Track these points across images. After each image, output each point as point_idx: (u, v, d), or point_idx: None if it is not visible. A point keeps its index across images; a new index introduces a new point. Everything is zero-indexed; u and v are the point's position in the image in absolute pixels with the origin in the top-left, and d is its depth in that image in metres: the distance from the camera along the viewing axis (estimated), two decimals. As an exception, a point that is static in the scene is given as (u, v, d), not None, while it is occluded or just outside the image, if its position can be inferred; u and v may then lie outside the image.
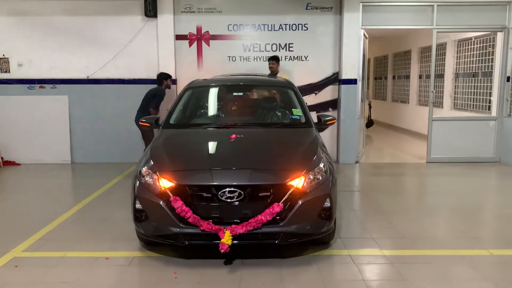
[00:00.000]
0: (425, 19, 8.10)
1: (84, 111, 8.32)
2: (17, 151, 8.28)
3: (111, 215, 5.16)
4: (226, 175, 3.76)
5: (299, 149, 4.25)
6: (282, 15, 8.20)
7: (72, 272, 3.67)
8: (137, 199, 3.82)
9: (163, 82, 7.43)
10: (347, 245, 4.19)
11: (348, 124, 8.22)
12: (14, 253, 4.05)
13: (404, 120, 12.69)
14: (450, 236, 4.60)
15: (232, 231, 3.52)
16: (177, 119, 5.01)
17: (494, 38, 8.48)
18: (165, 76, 7.46)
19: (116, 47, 8.15)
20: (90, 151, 8.40)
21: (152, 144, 4.41)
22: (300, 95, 5.40)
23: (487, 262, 3.89)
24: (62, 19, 8.12)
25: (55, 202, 5.79)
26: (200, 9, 8.14)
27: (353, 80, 8.14)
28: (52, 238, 4.45)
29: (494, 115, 8.37)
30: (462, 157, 8.22)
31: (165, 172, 3.78)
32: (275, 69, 7.57)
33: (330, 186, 3.86)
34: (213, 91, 5.61)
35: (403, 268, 3.70)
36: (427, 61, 10.97)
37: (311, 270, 3.68)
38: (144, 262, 3.87)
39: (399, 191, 6.55)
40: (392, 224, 4.86)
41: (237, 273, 3.62)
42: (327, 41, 8.27)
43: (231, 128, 4.65)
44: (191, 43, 8.24)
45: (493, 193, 6.63)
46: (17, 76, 8.26)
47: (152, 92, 7.33)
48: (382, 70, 15.17)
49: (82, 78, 8.26)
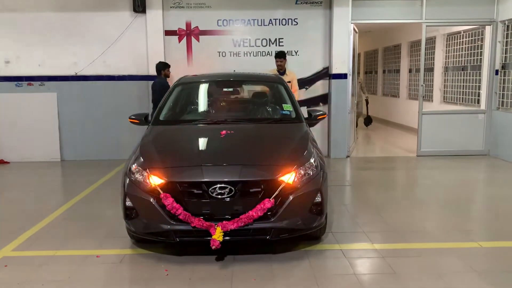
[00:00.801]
0: (414, 13, 8.12)
1: (73, 108, 8.25)
2: (6, 149, 8.20)
3: (102, 213, 5.13)
4: (217, 171, 3.75)
5: (289, 144, 4.25)
6: (272, 10, 8.17)
7: (62, 270, 3.64)
8: (127, 196, 3.80)
9: (161, 72, 7.42)
10: (338, 240, 4.20)
11: (338, 119, 8.24)
12: (4, 253, 4.01)
13: (395, 114, 12.75)
14: (440, 229, 4.63)
15: (223, 227, 3.51)
16: (167, 116, 4.98)
17: (482, 31, 8.53)
18: (163, 66, 7.46)
19: (105, 43, 8.08)
20: (79, 149, 8.33)
21: (142, 141, 4.38)
22: (291, 90, 5.39)
23: (477, 254, 3.93)
24: (50, 15, 8.02)
25: (44, 201, 5.74)
26: (189, 5, 8.09)
27: (343, 75, 8.15)
28: (42, 237, 4.41)
29: (483, 108, 8.44)
30: (451, 150, 8.28)
31: (155, 169, 3.76)
32: (283, 66, 7.24)
33: (321, 181, 3.87)
34: (203, 87, 5.59)
35: (394, 262, 3.72)
36: (417, 55, 11.02)
37: (302, 265, 3.69)
38: (135, 260, 3.86)
39: (390, 185, 6.58)
40: (383, 218, 4.89)
41: (228, 269, 3.61)
42: (317, 35, 8.26)
43: (221, 124, 4.65)
44: (180, 39, 8.19)
45: (482, 186, 6.69)
46: (4, 73, 8.15)
47: (159, 84, 7.34)
48: (372, 65, 15.21)
49: (70, 74, 8.19)
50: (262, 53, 8.25)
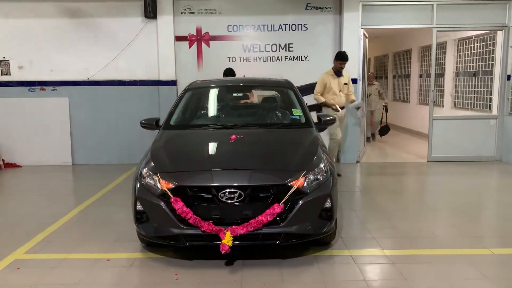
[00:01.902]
0: (425, 18, 8.09)
1: (84, 113, 8.33)
2: (18, 153, 8.29)
3: (112, 217, 5.16)
4: (227, 176, 3.76)
5: (299, 149, 4.24)
6: (282, 15, 8.20)
7: (73, 274, 3.67)
8: (137, 200, 3.82)
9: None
10: (348, 245, 4.18)
11: (348, 124, 8.22)
12: (16, 255, 4.05)
13: (405, 119, 12.68)
14: (451, 235, 4.59)
15: (233, 232, 3.52)
16: (177, 120, 5.01)
17: (494, 36, 8.47)
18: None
19: (116, 49, 8.16)
20: (90, 153, 8.40)
21: (153, 146, 4.41)
22: (300, 95, 5.40)
23: (488, 261, 3.88)
24: (62, 21, 8.13)
25: (56, 204, 5.80)
26: (199, 10, 8.15)
27: (354, 80, 8.12)
28: (53, 240, 4.45)
29: (495, 113, 8.36)
30: (463, 156, 8.21)
31: (166, 173, 3.78)
32: (343, 68, 7.20)
33: (331, 186, 3.86)
34: (213, 92, 5.61)
35: (405, 268, 3.69)
36: (428, 60, 10.95)
37: (312, 270, 3.68)
38: (145, 264, 3.87)
39: (400, 191, 6.54)
40: (393, 224, 4.86)
41: (238, 274, 3.61)
42: (327, 41, 8.26)
43: (231, 129, 4.66)
44: (191, 44, 8.24)
45: (494, 192, 6.62)
46: (17, 79, 8.27)
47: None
48: (382, 70, 15.15)
49: (82, 80, 8.28)
50: (272, 58, 8.27)
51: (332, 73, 7.16)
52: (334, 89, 7.08)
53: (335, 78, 7.12)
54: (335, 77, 7.12)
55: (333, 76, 7.13)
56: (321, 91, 7.14)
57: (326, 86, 7.09)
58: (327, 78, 7.11)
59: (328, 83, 7.07)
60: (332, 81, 7.09)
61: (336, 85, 7.10)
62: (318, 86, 7.17)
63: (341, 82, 7.14)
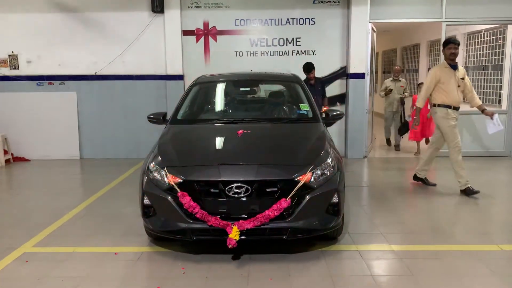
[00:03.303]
0: (434, 12, 8.01)
1: (92, 107, 8.37)
2: (27, 147, 8.36)
3: (120, 211, 5.19)
4: (234, 171, 3.76)
5: (306, 144, 4.23)
6: (289, 9, 8.16)
7: (81, 267, 3.70)
8: (145, 194, 3.83)
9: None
10: (355, 241, 4.17)
11: (356, 119, 8.18)
12: (25, 248, 4.09)
13: (413, 114, 12.57)
14: (460, 231, 4.56)
15: (240, 227, 3.52)
16: (184, 115, 5.02)
17: (504, 30, 8.37)
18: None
19: (124, 43, 8.17)
20: (98, 147, 8.45)
21: (160, 140, 4.42)
22: (307, 89, 5.37)
23: (497, 257, 3.86)
24: (70, 16, 8.15)
25: (64, 198, 5.83)
26: (207, 4, 8.13)
27: (361, 74, 8.09)
28: (62, 234, 4.49)
29: (505, 108, 8.28)
30: (472, 152, 8.13)
31: (173, 168, 3.79)
32: (457, 56, 5.76)
33: (338, 181, 3.85)
34: (220, 86, 5.60)
35: (412, 264, 3.68)
36: (436, 54, 10.86)
37: (319, 265, 3.68)
38: (152, 257, 3.89)
39: (408, 186, 6.50)
40: (401, 219, 4.83)
41: (245, 268, 3.62)
42: (335, 35, 8.21)
43: (238, 124, 4.65)
44: (198, 39, 8.23)
45: (503, 187, 6.56)
46: (26, 73, 8.31)
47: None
48: (390, 64, 15.04)
49: (90, 74, 8.30)
50: (279, 52, 8.25)
51: (445, 66, 5.78)
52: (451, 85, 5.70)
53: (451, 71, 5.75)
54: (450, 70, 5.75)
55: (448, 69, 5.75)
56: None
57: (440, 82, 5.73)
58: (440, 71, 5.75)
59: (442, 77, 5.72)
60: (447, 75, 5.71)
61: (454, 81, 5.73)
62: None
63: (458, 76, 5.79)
